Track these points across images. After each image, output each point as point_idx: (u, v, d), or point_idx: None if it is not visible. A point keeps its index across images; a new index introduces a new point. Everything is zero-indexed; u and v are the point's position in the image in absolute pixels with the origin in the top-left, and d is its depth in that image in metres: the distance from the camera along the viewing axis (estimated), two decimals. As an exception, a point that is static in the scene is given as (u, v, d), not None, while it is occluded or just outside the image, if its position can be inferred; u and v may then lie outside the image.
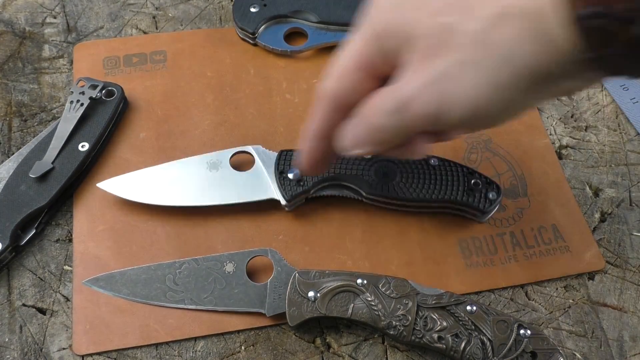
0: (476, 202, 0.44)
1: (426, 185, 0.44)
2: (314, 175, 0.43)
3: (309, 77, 0.53)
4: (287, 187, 0.44)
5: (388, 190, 0.44)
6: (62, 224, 0.46)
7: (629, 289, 0.44)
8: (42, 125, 0.50)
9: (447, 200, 0.44)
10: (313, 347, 0.41)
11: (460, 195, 0.44)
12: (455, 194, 0.44)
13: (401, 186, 0.44)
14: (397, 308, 0.39)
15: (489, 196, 0.44)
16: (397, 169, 0.44)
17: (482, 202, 0.44)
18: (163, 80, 0.52)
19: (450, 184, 0.44)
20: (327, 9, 0.54)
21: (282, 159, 0.45)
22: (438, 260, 0.44)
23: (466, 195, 0.44)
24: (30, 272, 0.44)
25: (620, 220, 0.47)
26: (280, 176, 0.44)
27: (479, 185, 0.44)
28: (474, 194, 0.44)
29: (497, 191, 0.44)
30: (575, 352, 0.42)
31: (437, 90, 0.29)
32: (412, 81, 0.29)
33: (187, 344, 0.41)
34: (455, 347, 0.38)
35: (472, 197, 0.44)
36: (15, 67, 0.53)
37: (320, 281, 0.40)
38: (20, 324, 0.42)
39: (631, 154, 0.51)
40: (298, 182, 0.44)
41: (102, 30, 0.56)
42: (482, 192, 0.44)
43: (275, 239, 0.45)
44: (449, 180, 0.44)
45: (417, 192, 0.44)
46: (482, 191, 0.44)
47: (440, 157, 0.45)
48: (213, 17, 0.57)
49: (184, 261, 0.43)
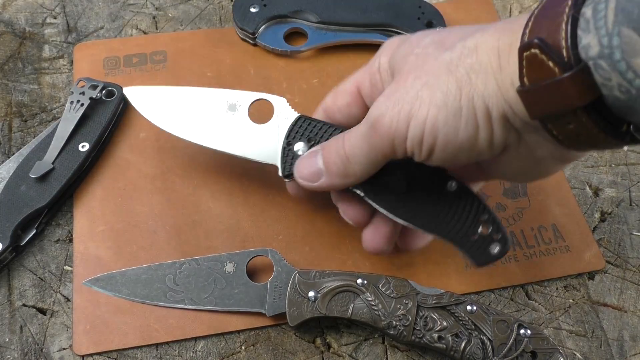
0: (473, 251, 0.36)
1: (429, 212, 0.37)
2: None
3: (309, 77, 0.53)
4: (290, 161, 0.40)
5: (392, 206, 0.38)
6: (62, 224, 0.46)
7: (629, 288, 0.44)
8: (43, 125, 0.50)
9: (446, 235, 0.37)
10: (313, 347, 0.41)
11: (461, 236, 0.36)
12: (456, 234, 0.36)
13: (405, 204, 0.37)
14: (397, 308, 0.39)
15: (490, 250, 0.36)
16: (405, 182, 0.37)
17: (480, 253, 0.36)
18: (163, 80, 0.52)
19: (455, 221, 0.36)
20: (327, 9, 0.54)
21: (295, 127, 0.40)
22: (438, 260, 0.44)
23: (467, 238, 0.36)
24: (30, 272, 0.44)
25: (620, 220, 0.47)
26: (286, 147, 0.40)
27: (487, 232, 0.36)
28: (475, 241, 0.36)
29: (504, 245, 0.36)
30: (576, 352, 0.42)
31: (403, 109, 0.31)
32: (382, 103, 0.33)
33: (187, 344, 0.41)
34: (456, 347, 0.38)
35: (473, 242, 0.36)
36: (15, 67, 0.53)
37: (320, 281, 0.40)
38: (21, 324, 0.42)
39: (631, 154, 0.51)
40: None
41: (102, 30, 0.56)
42: (486, 242, 0.36)
43: (275, 239, 0.45)
44: (456, 216, 0.36)
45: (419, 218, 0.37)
46: (486, 242, 0.36)
47: (461, 182, 0.37)
48: (213, 17, 0.57)
49: (184, 261, 0.43)
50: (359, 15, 0.54)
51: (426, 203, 0.37)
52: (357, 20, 0.54)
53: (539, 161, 0.32)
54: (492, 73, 0.29)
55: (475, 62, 0.29)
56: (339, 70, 0.53)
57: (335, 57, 0.54)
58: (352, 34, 0.54)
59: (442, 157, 0.32)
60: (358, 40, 0.54)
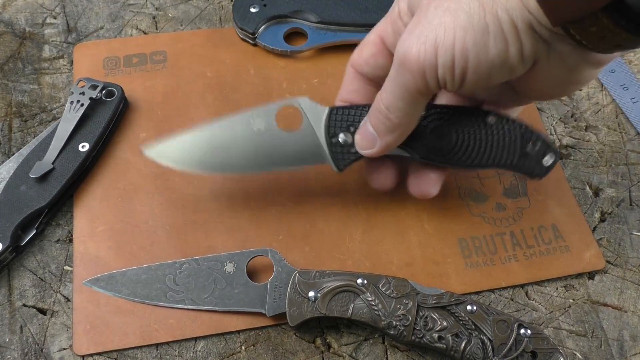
0: (530, 169, 0.41)
1: (482, 150, 0.40)
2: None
3: (309, 77, 0.53)
4: (340, 154, 0.40)
5: (443, 156, 0.40)
6: (62, 224, 0.46)
7: (629, 288, 0.44)
8: (43, 125, 0.50)
9: (501, 165, 0.41)
10: (313, 347, 0.41)
11: (516, 160, 0.40)
12: (511, 159, 0.40)
13: (457, 150, 0.40)
14: (398, 308, 0.39)
15: (544, 162, 0.40)
16: (452, 130, 0.40)
17: (537, 168, 0.40)
18: (163, 80, 0.52)
19: (505, 149, 0.40)
20: (327, 9, 0.54)
21: (331, 121, 0.40)
22: (438, 260, 0.44)
23: (521, 160, 0.40)
24: (30, 272, 0.44)
25: (620, 219, 0.47)
26: (331, 142, 0.40)
27: (535, 149, 0.40)
28: (528, 160, 0.40)
29: (554, 155, 0.40)
30: (576, 352, 0.42)
31: (429, 39, 0.31)
32: (406, 39, 0.32)
33: (187, 344, 0.41)
34: (456, 347, 0.38)
35: (526, 162, 0.40)
36: (15, 67, 0.53)
37: (320, 281, 0.40)
38: (21, 324, 0.42)
39: (631, 154, 0.51)
40: (350, 146, 0.40)
41: (102, 30, 0.56)
42: (537, 158, 0.40)
43: (275, 239, 0.45)
44: (505, 144, 0.40)
45: (472, 159, 0.40)
46: (537, 157, 0.40)
47: (498, 113, 0.40)
48: (213, 18, 0.57)
49: (184, 261, 0.43)
50: (359, 15, 0.54)
51: (473, 143, 0.40)
52: (357, 20, 0.54)
53: (572, 70, 0.32)
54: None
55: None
56: (339, 71, 0.53)
57: (335, 57, 0.54)
58: (352, 34, 0.54)
59: (476, 79, 0.32)
60: (358, 40, 0.53)
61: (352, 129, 0.40)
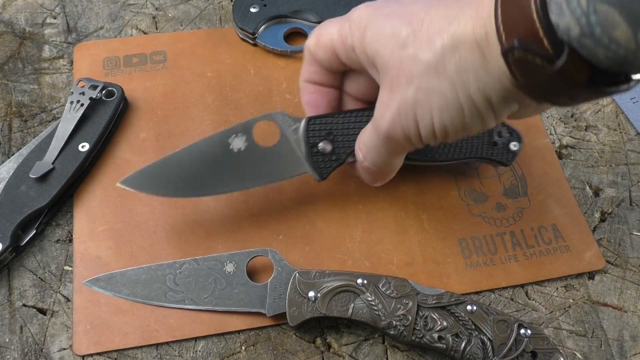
0: (499, 157, 0.45)
1: (457, 145, 0.44)
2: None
3: (309, 77, 0.53)
4: (321, 163, 0.41)
5: (419, 154, 0.44)
6: (62, 225, 0.46)
7: (629, 288, 0.44)
8: (42, 125, 0.50)
9: (473, 155, 0.45)
10: (313, 347, 0.41)
11: (485, 150, 0.44)
12: (481, 150, 0.44)
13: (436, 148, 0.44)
14: (398, 308, 0.39)
15: (511, 148, 0.45)
16: None
17: (505, 155, 0.45)
18: (163, 80, 0.52)
19: (477, 141, 0.44)
20: (327, 9, 0.54)
21: (309, 131, 0.41)
22: (438, 260, 0.44)
23: (489, 149, 0.45)
24: (30, 272, 0.44)
25: (621, 219, 0.47)
26: (311, 152, 0.41)
27: (501, 138, 0.45)
28: (497, 148, 0.45)
29: (518, 141, 0.45)
30: (576, 352, 0.42)
31: (409, 117, 0.33)
32: (386, 115, 0.34)
33: (187, 344, 0.41)
34: (456, 347, 0.38)
35: (495, 150, 0.45)
36: (15, 67, 0.53)
37: (320, 281, 0.40)
38: (21, 324, 0.42)
39: (631, 154, 0.51)
40: (331, 154, 0.41)
41: (102, 30, 0.56)
42: (505, 145, 0.45)
43: (275, 239, 0.45)
44: (476, 137, 0.44)
45: (447, 154, 0.44)
46: (505, 144, 0.45)
47: None
48: (213, 17, 0.57)
49: (184, 261, 0.43)
50: (359, 15, 0.54)
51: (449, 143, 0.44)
52: (357, 20, 0.54)
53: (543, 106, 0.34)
54: (481, 67, 0.29)
55: (460, 60, 0.30)
56: (339, 70, 0.53)
57: (335, 57, 0.54)
58: (352, 34, 0.54)
59: (457, 137, 0.35)
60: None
61: (331, 137, 0.41)
